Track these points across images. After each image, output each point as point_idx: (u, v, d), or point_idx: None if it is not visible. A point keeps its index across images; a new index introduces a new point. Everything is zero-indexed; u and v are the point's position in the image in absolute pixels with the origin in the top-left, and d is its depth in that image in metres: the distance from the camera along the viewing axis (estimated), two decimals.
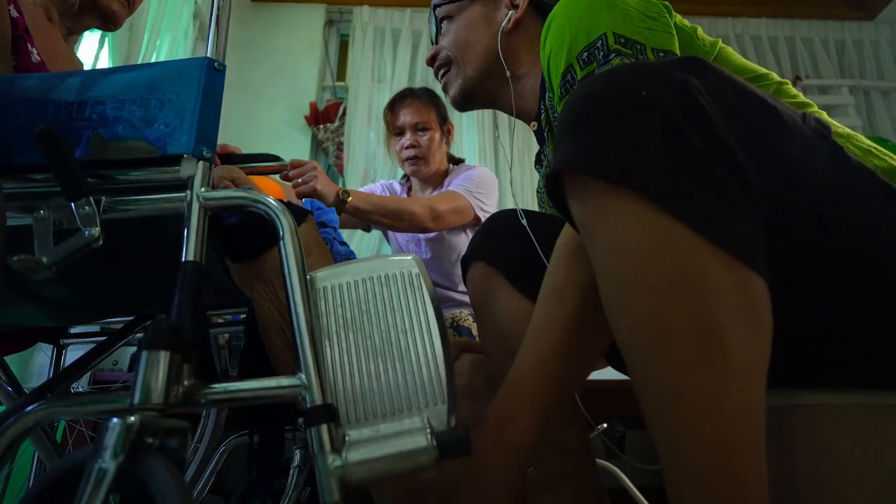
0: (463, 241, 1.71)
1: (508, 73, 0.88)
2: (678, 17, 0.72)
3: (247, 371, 0.75)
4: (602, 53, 0.64)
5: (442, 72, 0.96)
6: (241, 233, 0.70)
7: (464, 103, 0.95)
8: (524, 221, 0.82)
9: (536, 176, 3.13)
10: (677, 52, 0.67)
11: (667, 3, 0.70)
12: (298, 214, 0.73)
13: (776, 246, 0.46)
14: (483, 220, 1.66)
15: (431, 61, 0.97)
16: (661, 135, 0.45)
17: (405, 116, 1.75)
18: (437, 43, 0.97)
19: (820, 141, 0.53)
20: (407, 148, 1.74)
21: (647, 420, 0.46)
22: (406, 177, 1.90)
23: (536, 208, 0.99)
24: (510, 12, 0.90)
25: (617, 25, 0.64)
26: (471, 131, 2.89)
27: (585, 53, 0.66)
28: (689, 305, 0.42)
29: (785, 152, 0.50)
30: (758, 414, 0.42)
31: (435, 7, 0.97)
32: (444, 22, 0.95)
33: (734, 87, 0.50)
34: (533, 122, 0.90)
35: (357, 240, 2.54)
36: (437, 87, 3.15)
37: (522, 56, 0.90)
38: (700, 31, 0.72)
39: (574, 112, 0.50)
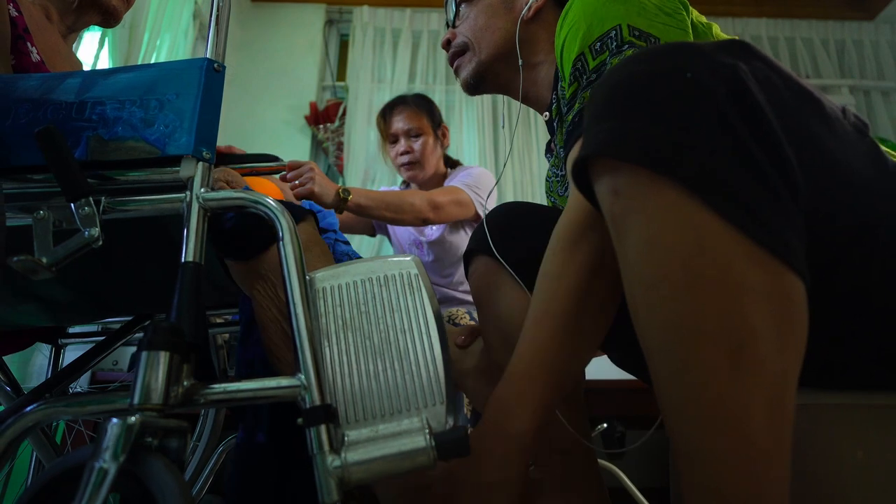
0: (464, 240, 1.71)
1: (521, 62, 0.88)
2: (695, 14, 0.71)
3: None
4: (615, 44, 0.64)
5: (455, 56, 0.95)
6: (240, 233, 0.70)
7: (475, 85, 0.94)
8: (489, 235, 0.82)
9: (536, 174, 3.08)
10: None
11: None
12: (298, 213, 0.73)
13: (809, 247, 0.44)
14: (483, 216, 1.67)
15: (447, 45, 0.97)
16: (708, 124, 0.42)
17: (398, 123, 1.78)
18: (453, 27, 0.96)
19: (859, 138, 0.51)
20: (401, 154, 1.77)
21: (665, 423, 0.44)
22: (406, 183, 1.91)
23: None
24: (530, 1, 0.89)
25: (632, 18, 0.64)
26: (471, 132, 2.89)
27: (599, 43, 0.66)
28: (725, 311, 0.40)
29: (827, 148, 0.48)
30: (783, 432, 0.40)
31: None
32: (463, 6, 0.95)
33: (780, 75, 0.48)
34: (545, 112, 0.89)
35: (357, 241, 2.54)
36: (437, 89, 3.11)
37: (539, 44, 0.89)
38: (716, 28, 0.72)
39: (610, 94, 0.46)
